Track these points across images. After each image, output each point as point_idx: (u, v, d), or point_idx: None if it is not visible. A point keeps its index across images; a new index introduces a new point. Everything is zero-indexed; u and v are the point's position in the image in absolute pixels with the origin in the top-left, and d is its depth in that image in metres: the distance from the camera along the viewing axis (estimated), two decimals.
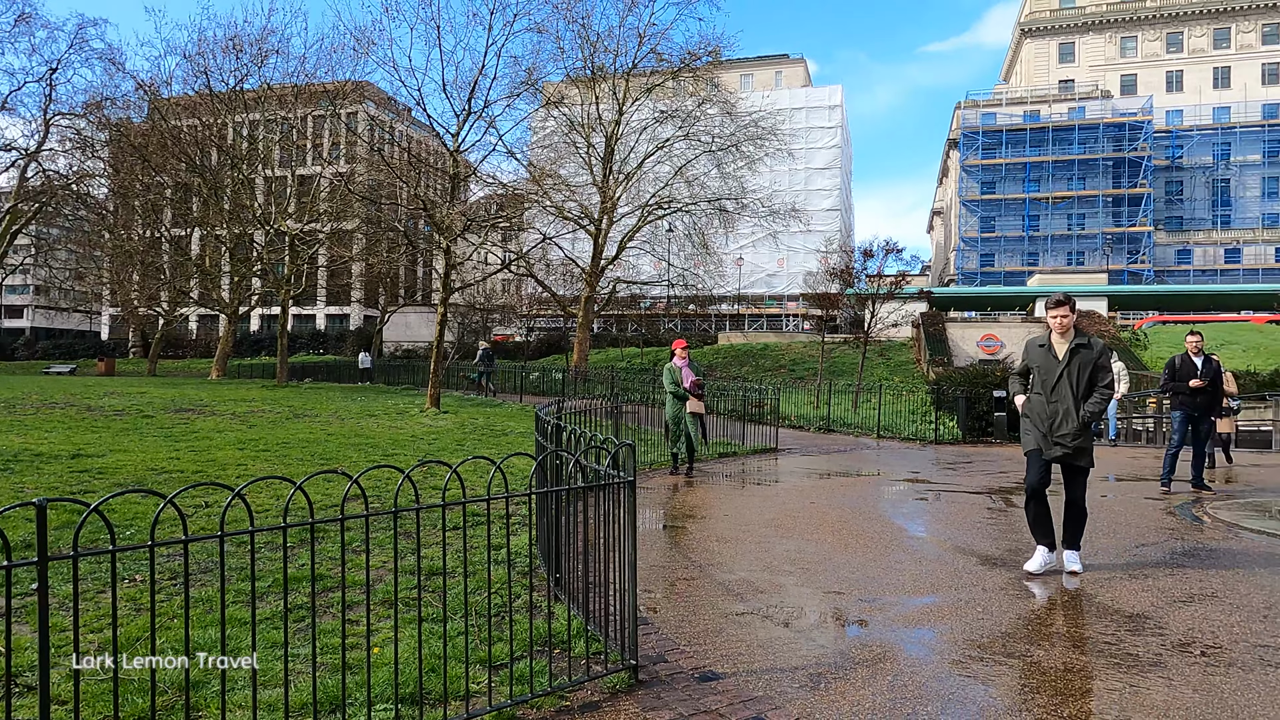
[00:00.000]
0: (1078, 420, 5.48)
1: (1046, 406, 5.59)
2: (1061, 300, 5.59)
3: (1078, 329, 5.68)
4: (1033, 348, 5.81)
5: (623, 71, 29.63)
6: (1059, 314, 5.58)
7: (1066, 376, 5.53)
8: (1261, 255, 63.94)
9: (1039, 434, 5.61)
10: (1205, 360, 9.88)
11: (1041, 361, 5.69)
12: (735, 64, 69.09)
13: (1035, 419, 5.65)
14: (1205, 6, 68.06)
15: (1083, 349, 5.55)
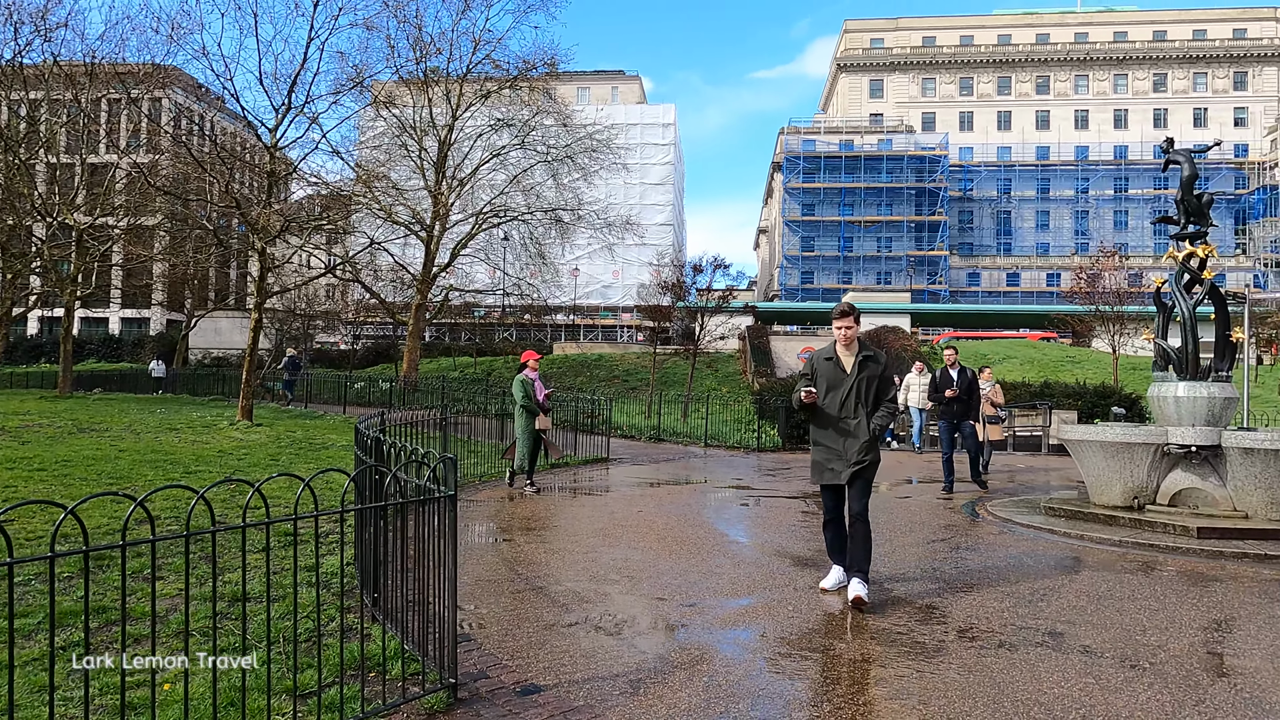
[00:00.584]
0: (868, 433, 5.29)
1: (837, 425, 5.31)
2: (845, 311, 5.35)
3: (862, 341, 5.45)
4: (819, 360, 5.46)
5: (457, 76, 29.08)
6: (843, 325, 5.33)
7: (855, 390, 5.30)
8: (1036, 280, 72.16)
9: (832, 458, 5.35)
10: (960, 372, 10.96)
11: (829, 375, 5.38)
12: (572, 76, 69.63)
13: (827, 442, 5.35)
14: (990, 57, 76.20)
15: (870, 361, 5.35)
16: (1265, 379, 31.70)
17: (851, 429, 5.31)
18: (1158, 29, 76.46)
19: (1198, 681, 3.96)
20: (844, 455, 5.30)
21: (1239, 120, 74.46)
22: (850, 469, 5.28)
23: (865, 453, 5.30)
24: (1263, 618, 5.12)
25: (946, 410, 10.94)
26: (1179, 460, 8.18)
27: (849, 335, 5.35)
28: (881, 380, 5.40)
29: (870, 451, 5.33)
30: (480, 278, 39.51)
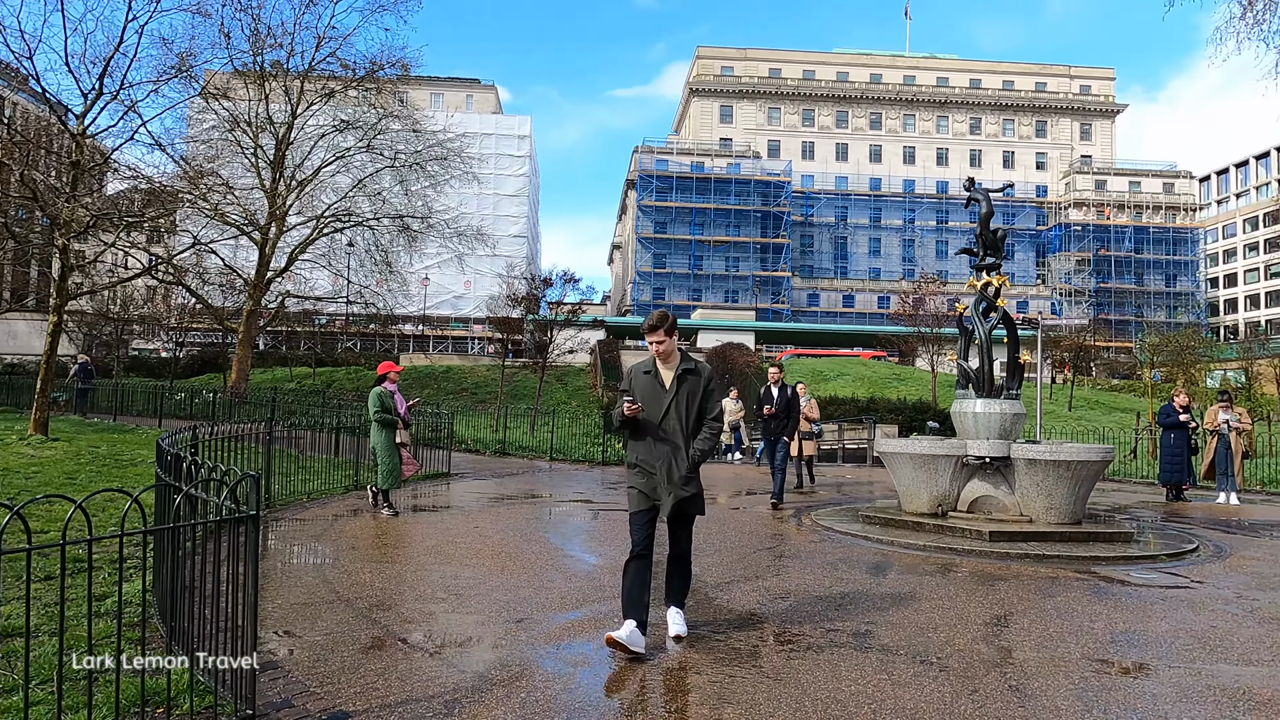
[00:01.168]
0: (688, 460, 4.66)
1: (655, 448, 4.66)
2: (655, 324, 4.72)
3: (684, 353, 4.91)
4: (637, 375, 4.83)
5: (298, 72, 27.67)
6: (655, 340, 4.71)
7: (675, 408, 4.68)
8: (869, 302, 77.27)
9: (650, 485, 4.69)
10: (781, 390, 11.39)
11: (647, 391, 4.74)
12: (426, 81, 68.04)
13: (644, 467, 4.70)
14: (830, 92, 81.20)
15: (690, 375, 4.74)
16: (1058, 396, 35.38)
17: (671, 453, 4.65)
18: (973, 77, 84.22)
19: (975, 672, 4.36)
20: (664, 483, 4.64)
21: (1040, 164, 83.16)
22: (672, 502, 4.62)
23: (687, 483, 4.67)
24: (1035, 612, 5.70)
25: (766, 427, 11.35)
26: (976, 470, 8.99)
27: (664, 349, 4.73)
28: (704, 396, 4.78)
29: (693, 483, 4.71)
30: (322, 285, 37.67)
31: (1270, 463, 18.09)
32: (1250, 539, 9.42)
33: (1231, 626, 5.46)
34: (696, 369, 4.83)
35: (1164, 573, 7.25)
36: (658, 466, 4.67)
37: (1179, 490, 13.26)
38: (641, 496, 4.73)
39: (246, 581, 3.44)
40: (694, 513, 4.83)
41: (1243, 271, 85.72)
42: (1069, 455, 8.63)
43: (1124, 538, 8.50)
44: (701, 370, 4.86)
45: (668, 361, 4.80)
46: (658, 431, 4.69)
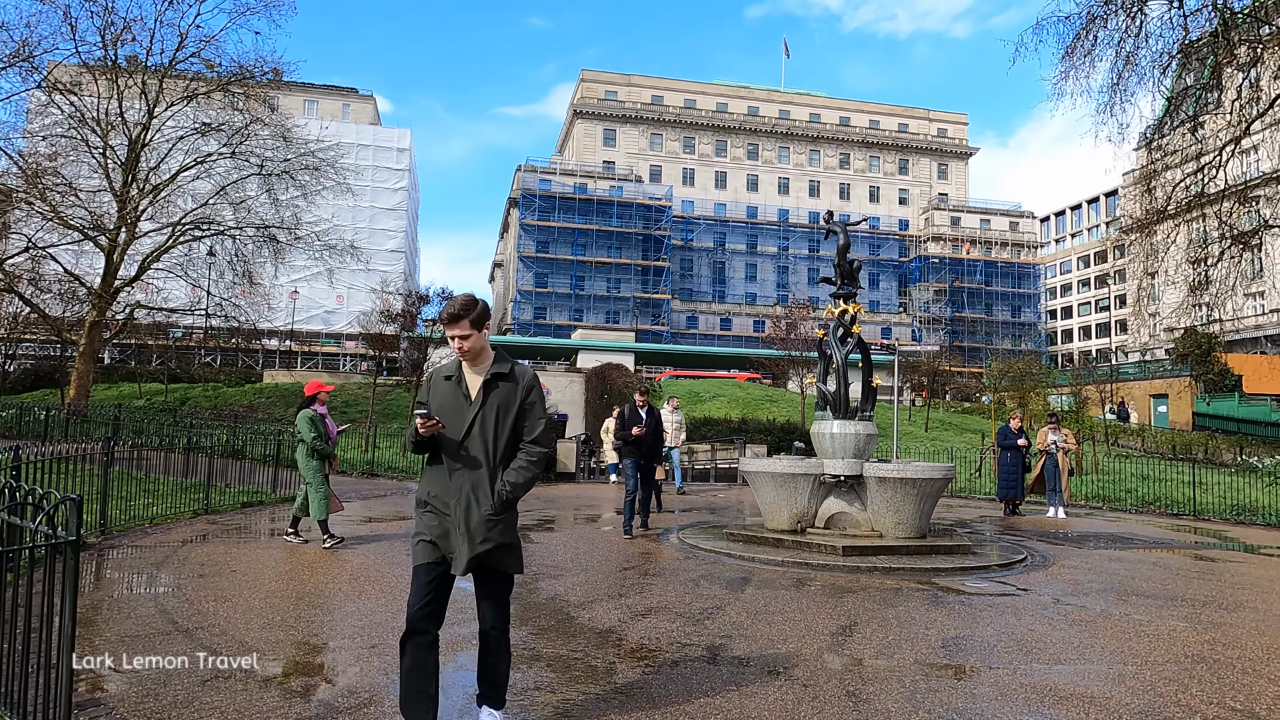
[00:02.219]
0: (494, 497, 3.50)
1: (451, 479, 3.53)
2: (456, 314, 3.54)
3: (501, 352, 3.72)
4: (436, 382, 3.70)
5: (158, 70, 26.08)
6: (457, 331, 3.55)
7: (481, 425, 3.54)
8: (745, 325, 79.65)
9: (441, 530, 3.51)
10: (649, 412, 10.83)
11: (447, 401, 3.60)
12: (299, 88, 65.49)
13: (436, 505, 3.54)
14: (710, 121, 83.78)
15: (502, 381, 3.60)
16: (916, 418, 37.56)
17: (471, 486, 3.51)
18: (843, 115, 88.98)
19: (817, 680, 4.60)
20: (459, 527, 3.47)
21: (903, 199, 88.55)
22: (469, 555, 3.45)
23: (491, 528, 3.48)
24: (878, 621, 6.05)
25: (633, 449, 10.53)
26: (832, 488, 9.45)
27: (467, 347, 3.56)
28: (523, 410, 3.61)
29: (500, 528, 3.52)
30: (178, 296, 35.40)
31: (1094, 479, 19.87)
32: (1072, 549, 10.32)
33: (1047, 630, 5.98)
34: (512, 373, 3.64)
35: (995, 581, 7.85)
36: (452, 505, 3.50)
37: (1015, 505, 14.37)
38: (428, 546, 3.54)
39: (64, 615, 3.22)
40: (504, 570, 3.59)
41: (1077, 305, 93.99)
42: (915, 473, 9.22)
43: (963, 550, 9.13)
44: (520, 375, 3.66)
45: (475, 363, 3.65)
46: (455, 456, 3.55)
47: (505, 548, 3.58)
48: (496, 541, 3.52)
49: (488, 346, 3.67)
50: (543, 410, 3.67)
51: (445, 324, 3.59)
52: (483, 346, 3.64)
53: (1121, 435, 37.01)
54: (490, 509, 3.50)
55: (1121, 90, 18.68)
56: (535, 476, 3.62)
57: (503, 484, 3.52)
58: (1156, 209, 22.61)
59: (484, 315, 3.62)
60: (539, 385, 3.72)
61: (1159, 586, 7.87)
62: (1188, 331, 44.48)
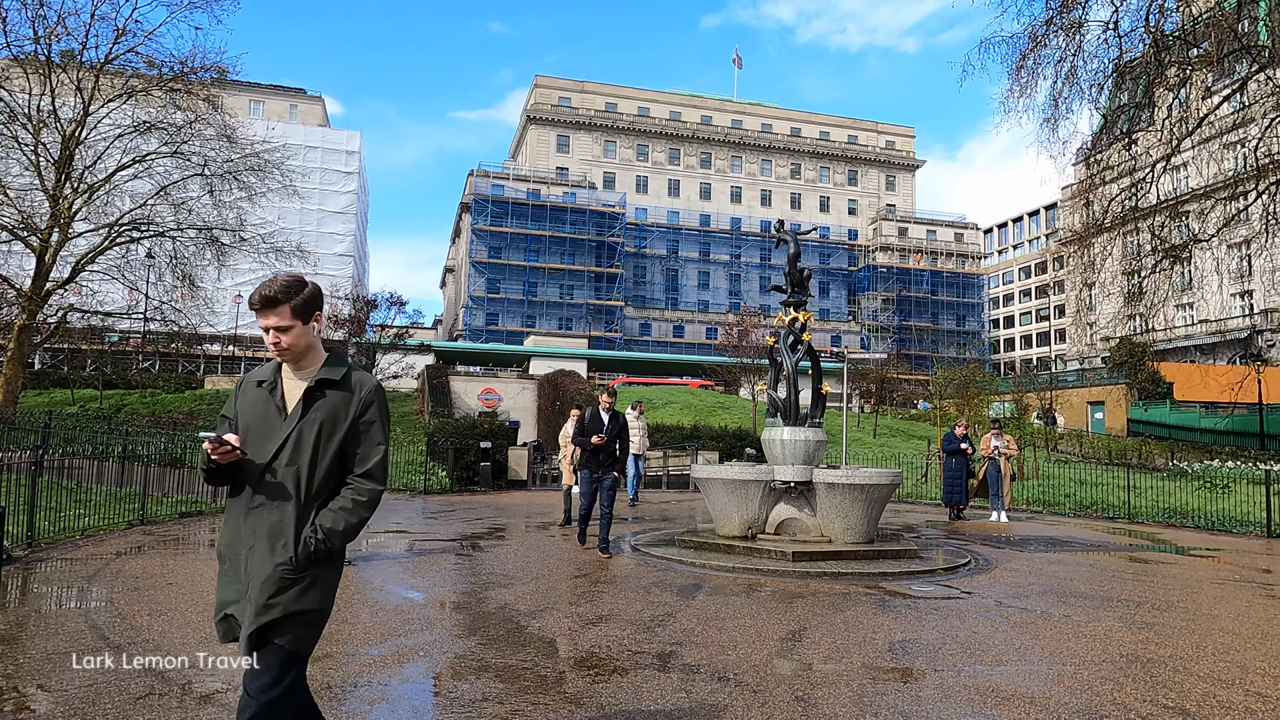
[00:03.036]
0: (299, 546, 2.52)
1: (245, 519, 2.60)
2: (276, 295, 2.63)
3: (335, 352, 2.85)
4: (247, 388, 2.77)
5: (94, 66, 25.22)
6: (272, 321, 2.62)
7: (294, 447, 2.59)
8: (698, 332, 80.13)
9: (235, 593, 2.57)
10: (613, 418, 9.47)
11: (255, 414, 2.68)
12: (245, 87, 64.12)
13: (228, 557, 2.62)
14: (663, 129, 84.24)
15: (332, 389, 2.66)
16: (865, 424, 38.19)
17: (270, 529, 2.54)
18: (794, 126, 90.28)
19: (767, 686, 4.62)
20: (251, 584, 2.52)
21: (852, 209, 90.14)
22: (251, 624, 2.46)
23: (285, 587, 2.49)
24: (827, 626, 6.11)
25: (591, 459, 9.35)
26: (783, 494, 9.54)
27: (287, 345, 2.63)
28: (355, 430, 2.65)
29: (297, 588, 2.50)
30: (115, 299, 34.28)
31: (1034, 484, 20.42)
32: (1014, 553, 10.58)
33: (989, 631, 6.11)
34: (346, 381, 2.67)
35: (940, 585, 8.00)
36: (243, 554, 2.55)
37: (959, 510, 14.68)
38: (228, 626, 2.57)
39: None
40: (287, 646, 2.49)
41: (1018, 314, 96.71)
42: (863, 479, 9.35)
43: (910, 554, 9.29)
44: (357, 385, 2.69)
45: (298, 366, 2.68)
46: (261, 487, 2.57)
47: (299, 618, 2.49)
48: (288, 608, 2.45)
49: (317, 344, 2.72)
50: (382, 434, 2.69)
51: (257, 311, 2.64)
52: (309, 344, 2.67)
53: (1060, 441, 38.16)
54: (288, 561, 2.48)
55: (1062, 107, 19.36)
56: (361, 522, 2.61)
57: (314, 528, 2.51)
58: (1093, 222, 23.43)
59: (311, 302, 2.67)
60: (381, 400, 2.72)
61: (1096, 588, 8.11)
62: (1123, 341, 46.09)
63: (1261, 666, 5.31)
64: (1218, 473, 23.45)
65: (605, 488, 9.37)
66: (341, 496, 2.62)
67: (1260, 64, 19.07)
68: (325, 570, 2.61)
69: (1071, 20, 19.17)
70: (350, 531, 2.60)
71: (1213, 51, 18.92)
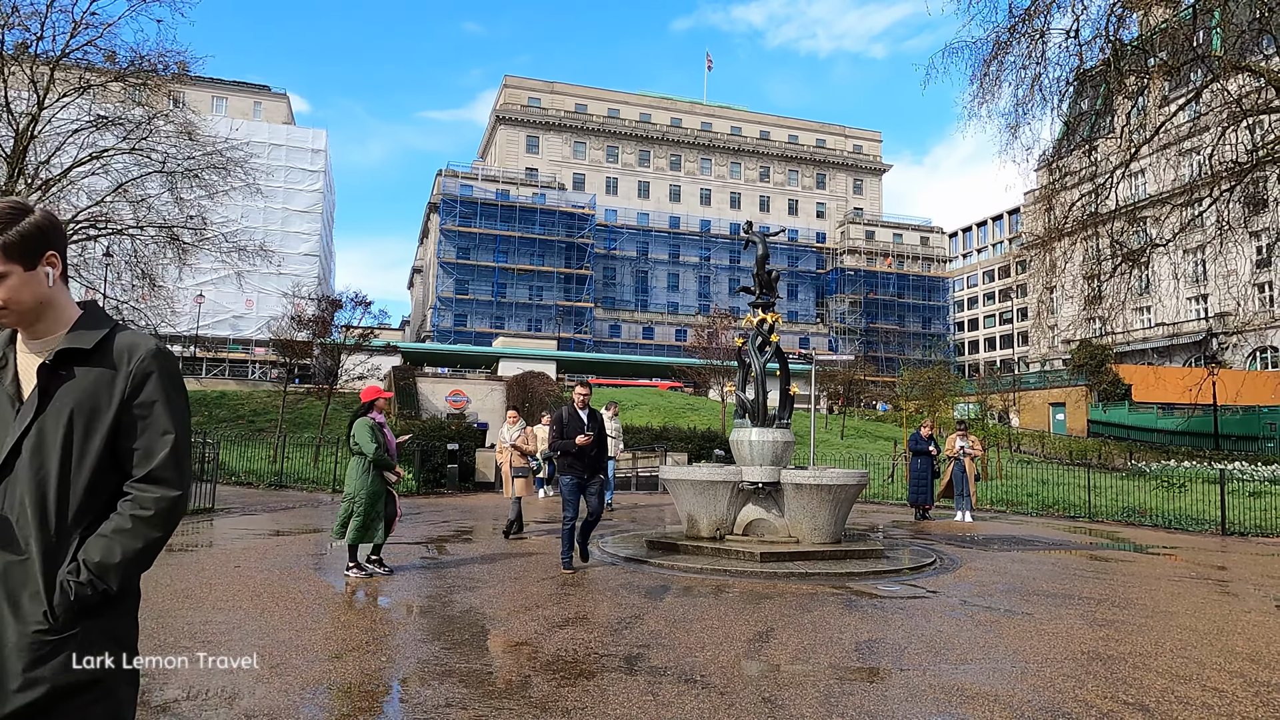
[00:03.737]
0: (52, 601, 1.66)
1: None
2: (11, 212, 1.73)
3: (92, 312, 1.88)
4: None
5: (49, 58, 24.58)
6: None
7: (33, 450, 1.72)
8: (667, 334, 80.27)
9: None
10: (591, 416, 8.49)
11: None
12: (207, 84, 62.94)
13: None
14: (633, 131, 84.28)
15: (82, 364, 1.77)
16: (832, 426, 38.50)
17: (7, 576, 1.69)
18: (763, 129, 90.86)
19: (734, 688, 4.60)
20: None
21: (820, 213, 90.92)
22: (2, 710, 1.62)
23: (44, 655, 1.64)
24: (794, 626, 6.12)
25: (575, 463, 8.24)
26: (751, 495, 9.55)
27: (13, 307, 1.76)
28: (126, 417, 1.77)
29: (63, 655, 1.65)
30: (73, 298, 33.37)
31: (999, 484, 20.72)
32: (979, 552, 10.70)
33: (954, 630, 6.16)
34: (104, 346, 1.81)
35: (906, 584, 8.05)
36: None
37: (925, 510, 14.84)
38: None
39: None
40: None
41: (983, 317, 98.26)
42: (830, 480, 9.39)
43: (876, 554, 9.35)
44: (123, 351, 1.81)
45: (34, 332, 1.83)
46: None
47: (78, 694, 1.67)
48: (53, 682, 1.64)
49: (58, 301, 1.83)
50: (169, 418, 1.80)
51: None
52: (41, 301, 1.80)
53: (1022, 441, 38.80)
54: (43, 619, 1.66)
55: (1024, 113, 19.68)
56: (150, 547, 1.75)
57: (74, 566, 1.69)
58: (1055, 227, 23.84)
59: (37, 237, 1.77)
60: (165, 369, 1.82)
61: (1058, 586, 8.22)
62: (1083, 343, 47.01)
63: (1218, 662, 5.41)
64: (1174, 472, 24.00)
65: (593, 493, 8.38)
66: (117, 514, 1.75)
67: (1214, 73, 19.56)
68: (111, 619, 1.75)
69: (1034, 28, 19.52)
70: (135, 561, 1.73)
71: (1169, 61, 19.39)
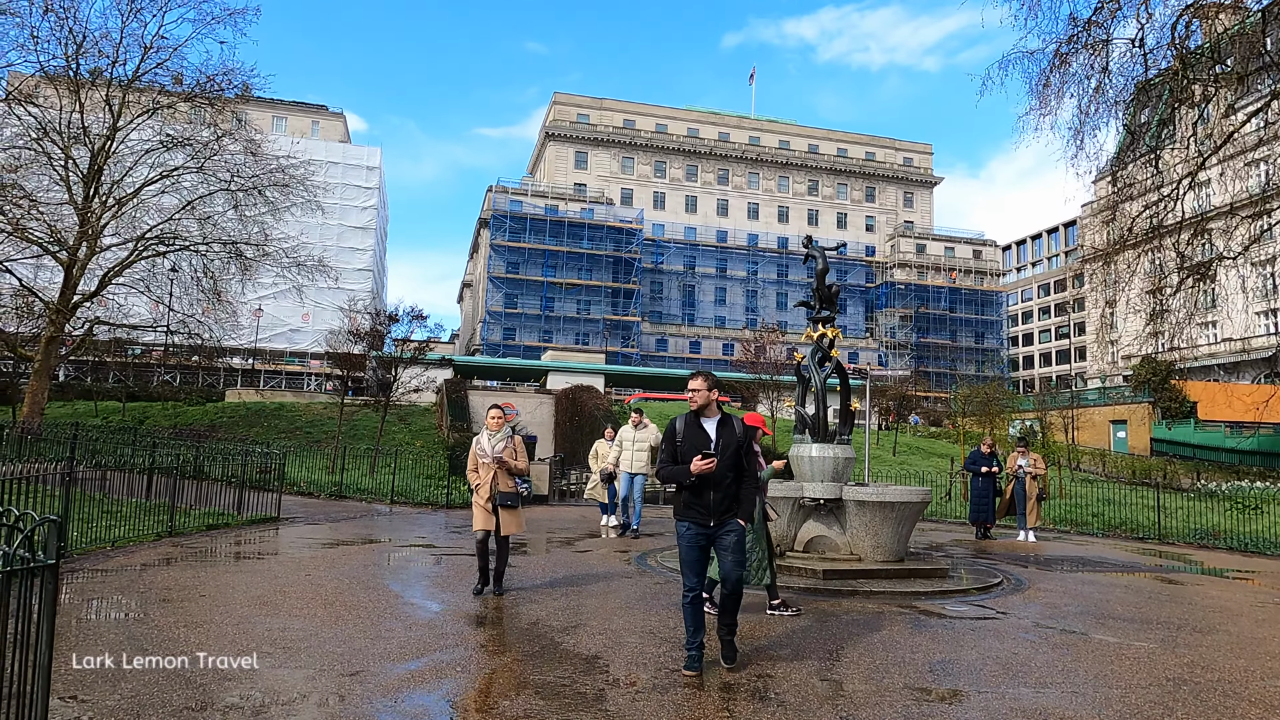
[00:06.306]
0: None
1: None
2: None
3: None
4: None
5: (122, 82, 25.65)
6: None
7: None
8: (714, 348, 79.99)
9: None
10: (722, 424, 5.90)
11: None
12: (267, 104, 64.97)
13: None
14: (681, 146, 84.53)
15: None
16: (884, 441, 37.88)
17: None
18: (812, 143, 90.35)
19: (809, 706, 4.55)
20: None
21: (870, 226, 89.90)
22: None
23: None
24: (864, 645, 6.03)
25: (693, 502, 5.52)
26: (811, 511, 9.45)
27: None
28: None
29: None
30: (140, 311, 34.69)
31: (1061, 503, 20.15)
32: (1045, 573, 10.42)
33: (1030, 653, 6.01)
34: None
35: (974, 605, 7.88)
36: None
37: (986, 529, 14.50)
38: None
39: (40, 642, 3.07)
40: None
41: (1037, 332, 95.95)
42: (893, 497, 9.25)
43: (940, 574, 9.17)
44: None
45: None
46: None
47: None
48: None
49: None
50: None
51: None
52: None
53: (1083, 459, 37.70)
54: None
55: (1085, 124, 19.16)
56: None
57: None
58: (1117, 239, 23.18)
59: None
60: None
61: (1133, 610, 7.96)
62: (1145, 359, 45.55)
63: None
64: (1247, 493, 23.08)
65: (727, 548, 5.39)
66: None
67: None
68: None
69: (1096, 38, 19.08)
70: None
71: (1237, 68, 18.78)
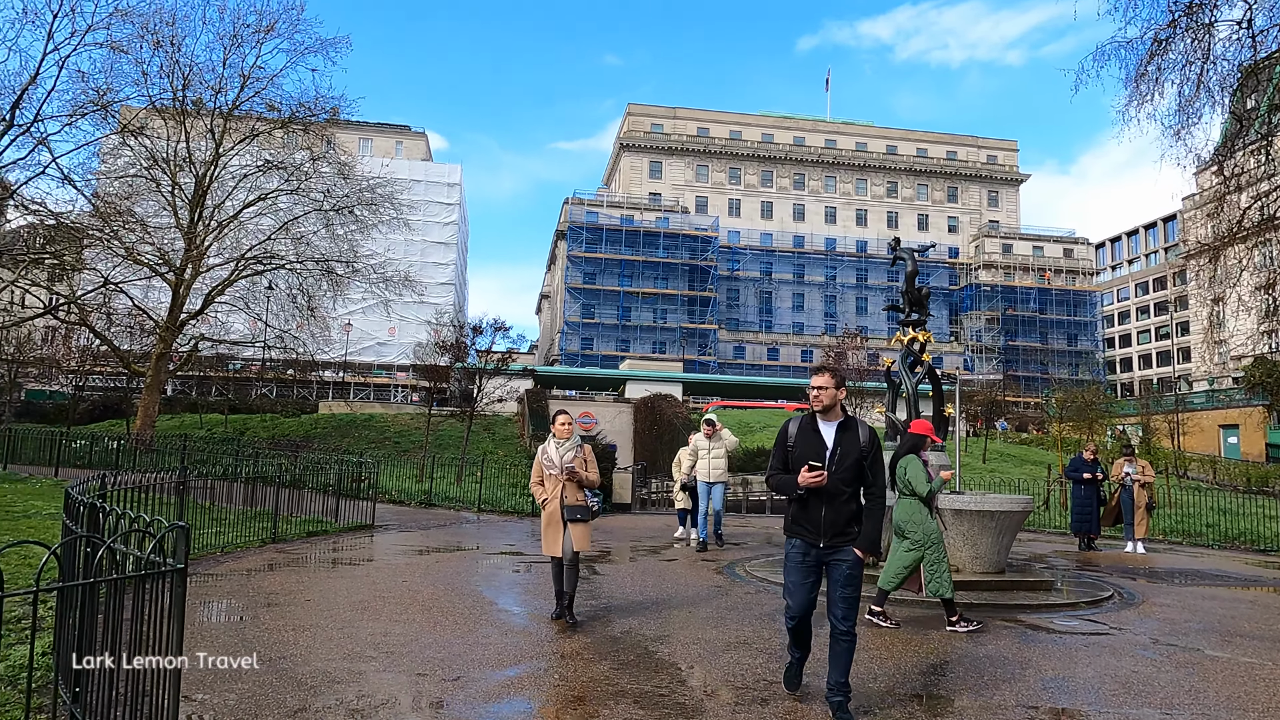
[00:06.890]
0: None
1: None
2: None
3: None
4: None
5: (222, 111, 27.07)
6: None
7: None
8: (793, 355, 78.99)
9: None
10: (843, 428, 4.82)
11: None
12: (354, 126, 67.49)
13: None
14: (755, 152, 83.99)
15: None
16: (973, 448, 36.61)
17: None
18: (890, 144, 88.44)
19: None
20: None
21: (952, 227, 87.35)
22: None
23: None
24: (969, 660, 5.80)
25: (801, 517, 4.65)
26: None
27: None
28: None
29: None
30: (239, 328, 36.45)
31: (1170, 513, 19.04)
32: (1158, 586, 9.84)
33: (1152, 671, 5.66)
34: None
35: (1085, 620, 7.49)
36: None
37: (1090, 540, 13.80)
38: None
39: (171, 642, 3.21)
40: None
41: (1135, 333, 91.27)
42: (993, 506, 8.90)
43: (1045, 586, 8.76)
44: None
45: None
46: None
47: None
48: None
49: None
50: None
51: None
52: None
53: (1190, 466, 35.61)
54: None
55: (1187, 113, 18.14)
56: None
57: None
58: (1225, 232, 21.85)
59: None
60: None
61: (1264, 627, 7.43)
62: (1259, 359, 42.76)
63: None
64: None
65: (837, 581, 4.62)
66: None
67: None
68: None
69: (1198, 22, 18.06)
70: None
71: None
